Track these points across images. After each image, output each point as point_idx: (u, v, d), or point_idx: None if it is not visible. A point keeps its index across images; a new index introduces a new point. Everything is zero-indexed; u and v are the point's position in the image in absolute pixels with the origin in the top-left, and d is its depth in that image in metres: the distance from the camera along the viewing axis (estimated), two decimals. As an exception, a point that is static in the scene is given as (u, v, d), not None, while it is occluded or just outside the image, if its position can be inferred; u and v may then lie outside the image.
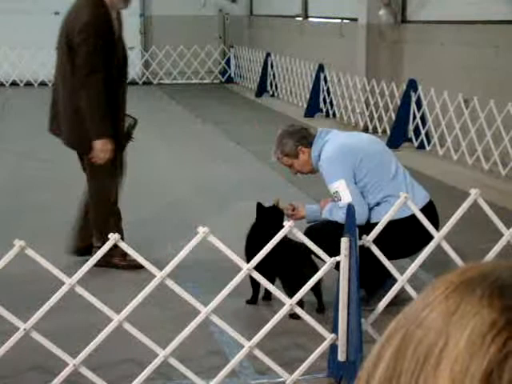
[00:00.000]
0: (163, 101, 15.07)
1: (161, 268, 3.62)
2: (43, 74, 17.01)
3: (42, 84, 17.01)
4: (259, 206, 4.73)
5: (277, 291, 3.83)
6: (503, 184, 7.80)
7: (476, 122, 8.59)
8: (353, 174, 4.41)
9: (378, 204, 4.47)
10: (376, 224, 3.95)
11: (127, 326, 3.59)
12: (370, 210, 4.46)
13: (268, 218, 4.63)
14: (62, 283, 3.50)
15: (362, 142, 4.60)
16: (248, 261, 3.78)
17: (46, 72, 17.04)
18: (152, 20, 18.45)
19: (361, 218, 4.23)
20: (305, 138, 4.63)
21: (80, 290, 3.52)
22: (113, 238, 3.48)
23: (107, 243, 3.54)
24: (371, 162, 4.46)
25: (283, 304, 3.77)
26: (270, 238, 3.67)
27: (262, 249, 3.66)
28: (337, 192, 4.39)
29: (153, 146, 10.18)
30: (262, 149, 9.74)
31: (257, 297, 4.66)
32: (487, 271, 0.61)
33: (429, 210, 4.46)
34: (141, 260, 3.61)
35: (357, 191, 4.40)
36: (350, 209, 3.64)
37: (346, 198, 4.33)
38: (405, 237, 4.44)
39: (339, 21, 13.14)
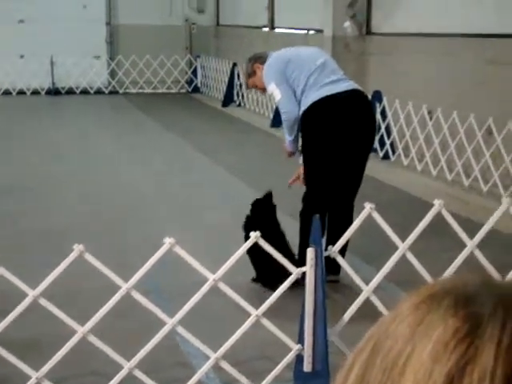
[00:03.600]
0: (129, 110, 15.00)
1: (126, 279, 3.59)
2: (8, 82, 16.84)
3: (7, 93, 16.83)
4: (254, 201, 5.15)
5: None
6: (466, 194, 7.89)
7: (440, 133, 8.69)
8: (283, 75, 5.09)
9: (302, 93, 5.07)
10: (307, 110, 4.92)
11: (92, 338, 3.55)
12: (300, 102, 5.09)
13: (261, 210, 5.08)
14: (26, 295, 3.45)
15: (295, 49, 5.38)
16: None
17: (11, 80, 16.88)
18: (119, 29, 18.37)
19: (290, 114, 5.06)
20: (260, 58, 5.35)
21: (43, 301, 3.47)
22: (77, 248, 3.45)
23: (73, 252, 3.50)
24: (296, 61, 5.12)
25: (250, 314, 3.77)
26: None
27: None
28: (272, 93, 5.16)
29: (118, 156, 10.12)
30: (229, 159, 9.75)
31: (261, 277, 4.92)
32: (455, 283, 0.63)
33: (350, 94, 5.04)
34: (106, 271, 3.58)
35: (286, 89, 5.06)
36: (315, 222, 3.65)
37: (278, 96, 5.09)
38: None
39: (305, 32, 13.22)
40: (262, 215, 5.05)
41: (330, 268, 4.79)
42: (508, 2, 8.21)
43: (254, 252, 4.43)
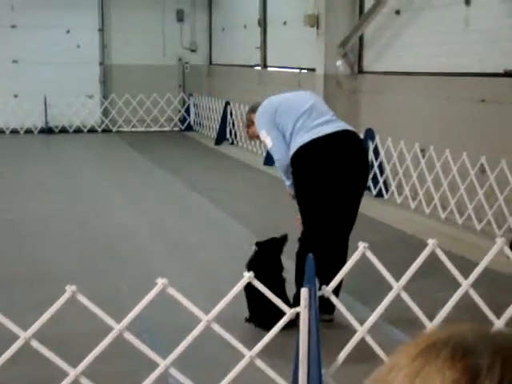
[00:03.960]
0: (122, 148, 15.05)
1: (119, 320, 3.57)
2: (2, 121, 16.89)
3: (0, 132, 16.88)
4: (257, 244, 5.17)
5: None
6: (460, 232, 7.90)
7: (432, 171, 8.72)
8: (273, 122, 5.18)
9: (291, 137, 5.13)
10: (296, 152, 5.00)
11: (84, 381, 3.51)
12: (290, 146, 5.15)
13: (270, 250, 5.13)
14: (18, 337, 3.42)
15: (285, 95, 5.47)
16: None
17: (5, 119, 16.93)
18: (112, 68, 18.51)
19: (282, 161, 5.16)
20: (255, 108, 5.43)
21: (35, 343, 3.44)
22: (70, 289, 3.43)
23: (66, 293, 3.48)
24: (285, 107, 5.21)
25: (244, 355, 3.74)
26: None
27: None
28: (264, 140, 5.29)
29: (111, 194, 10.11)
30: (222, 197, 9.76)
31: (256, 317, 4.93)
32: (452, 334, 0.62)
33: (340, 134, 5.07)
34: (98, 312, 3.55)
35: (277, 136, 5.15)
36: (310, 261, 3.64)
37: (269, 144, 5.21)
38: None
39: (297, 70, 13.34)
40: (269, 255, 5.06)
41: (324, 307, 4.78)
42: (498, 42, 8.32)
43: (250, 291, 4.43)
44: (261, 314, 4.91)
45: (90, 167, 12.52)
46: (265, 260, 5.03)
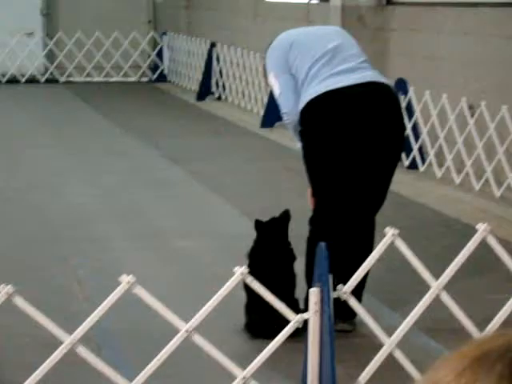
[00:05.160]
0: (74, 105, 15.00)
1: (71, 331, 3.60)
2: None
3: None
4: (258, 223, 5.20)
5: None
6: (520, 215, 7.93)
7: (484, 135, 8.73)
8: (285, 63, 5.18)
9: (302, 86, 5.13)
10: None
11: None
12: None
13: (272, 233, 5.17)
14: None
15: (306, 29, 5.59)
16: None
17: None
18: (58, -3, 18.44)
19: (291, 115, 5.16)
20: None
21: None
22: (4, 291, 3.46)
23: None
24: (302, 44, 5.21)
25: (235, 377, 3.77)
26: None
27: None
28: (271, 87, 5.34)
29: (59, 167, 10.11)
30: (207, 170, 9.77)
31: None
32: (507, 343, 0.62)
33: (364, 88, 5.06)
34: (44, 321, 3.58)
35: (287, 82, 5.16)
36: (321, 251, 3.67)
37: (276, 91, 5.25)
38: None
39: (305, 1, 13.30)
40: (273, 240, 5.11)
41: (341, 313, 4.81)
42: None
43: (250, 290, 4.45)
44: (260, 320, 4.94)
45: (30, 130, 12.50)
46: (268, 247, 5.06)
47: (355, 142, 5.03)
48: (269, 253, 5.04)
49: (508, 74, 8.92)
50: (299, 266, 5.14)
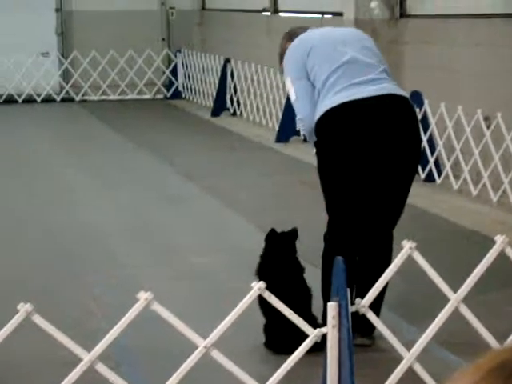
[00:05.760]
0: (89, 123, 15.05)
1: (90, 348, 3.59)
2: None
3: None
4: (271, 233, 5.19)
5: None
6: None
7: (501, 146, 8.71)
8: (303, 67, 5.09)
9: (319, 95, 5.06)
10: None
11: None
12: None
13: (279, 248, 5.15)
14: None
15: (330, 31, 5.40)
16: None
17: None
18: (73, 16, 18.52)
19: (307, 121, 5.07)
20: (295, 34, 5.35)
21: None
22: (24, 309, 3.46)
23: (18, 314, 3.51)
24: (321, 49, 5.11)
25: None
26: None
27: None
28: (288, 89, 5.22)
29: (74, 183, 10.14)
30: (222, 185, 9.77)
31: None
32: None
33: (380, 100, 5.00)
34: (63, 338, 3.58)
35: (305, 88, 5.08)
36: (338, 266, 3.66)
37: (292, 97, 5.16)
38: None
39: (319, 16, 13.31)
40: (281, 255, 5.08)
41: (360, 327, 4.79)
42: None
43: (265, 306, 4.44)
44: (279, 335, 4.93)
45: (46, 149, 12.54)
46: (279, 262, 5.04)
47: (371, 155, 4.99)
48: (277, 265, 5.02)
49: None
50: (311, 282, 5.14)
